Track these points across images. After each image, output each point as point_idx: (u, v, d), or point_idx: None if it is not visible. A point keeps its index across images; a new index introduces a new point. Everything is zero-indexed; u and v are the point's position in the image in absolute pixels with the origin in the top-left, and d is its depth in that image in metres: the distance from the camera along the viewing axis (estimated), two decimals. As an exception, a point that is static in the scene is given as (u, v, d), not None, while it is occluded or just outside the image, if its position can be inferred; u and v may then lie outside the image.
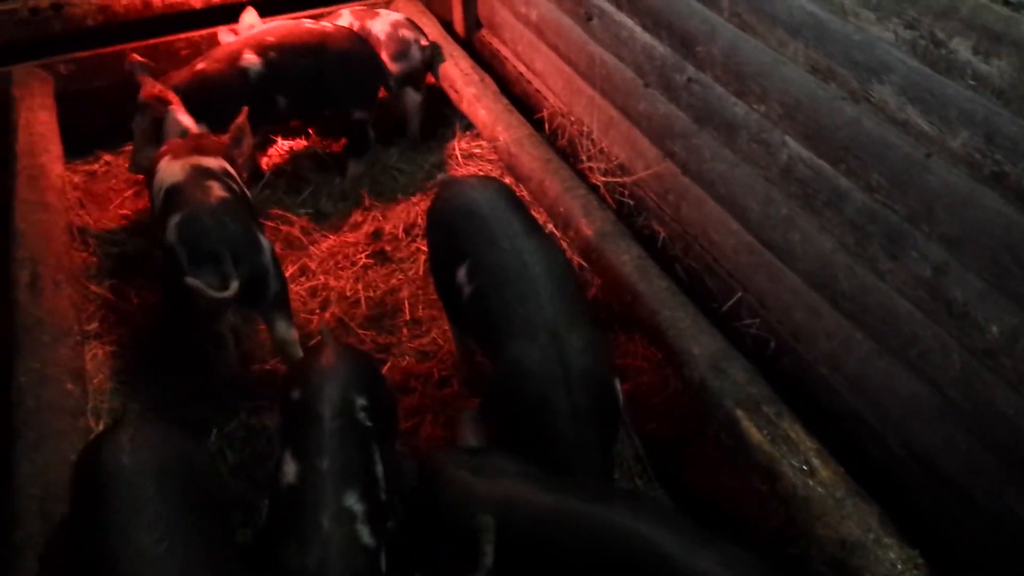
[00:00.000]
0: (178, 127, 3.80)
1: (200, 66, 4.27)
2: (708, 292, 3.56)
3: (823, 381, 3.05)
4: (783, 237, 3.14)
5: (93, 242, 4.19)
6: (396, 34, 4.85)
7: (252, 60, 4.26)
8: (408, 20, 5.01)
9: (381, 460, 2.61)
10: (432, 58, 5.03)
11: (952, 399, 2.58)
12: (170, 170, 3.42)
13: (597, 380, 2.81)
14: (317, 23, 4.58)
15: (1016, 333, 2.34)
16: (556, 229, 4.06)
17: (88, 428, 3.10)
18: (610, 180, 4.10)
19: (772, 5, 2.97)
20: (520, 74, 4.98)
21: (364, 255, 4.16)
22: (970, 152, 2.36)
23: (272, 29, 4.43)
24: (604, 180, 4.13)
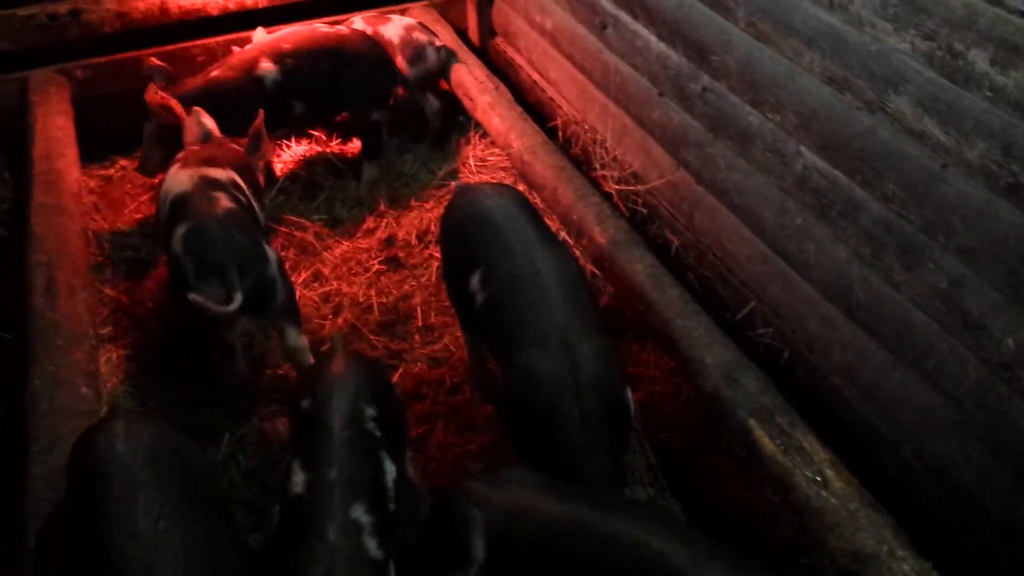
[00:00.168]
0: (200, 130, 3.81)
1: (214, 73, 4.28)
2: (721, 301, 3.55)
3: (837, 392, 3.04)
4: (798, 247, 3.13)
5: (108, 246, 4.22)
6: (410, 38, 4.85)
7: (268, 68, 4.27)
8: (420, 24, 5.02)
9: (394, 483, 2.59)
10: (447, 61, 5.04)
11: (967, 411, 2.57)
12: (177, 179, 3.42)
13: (608, 388, 2.80)
14: (331, 27, 4.59)
15: (1032, 345, 2.33)
16: (569, 237, 4.06)
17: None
18: (623, 188, 4.10)
19: (788, 15, 2.97)
20: (534, 82, 4.99)
21: (377, 261, 4.18)
22: (987, 164, 2.36)
23: (287, 36, 4.44)
24: (617, 188, 4.13)
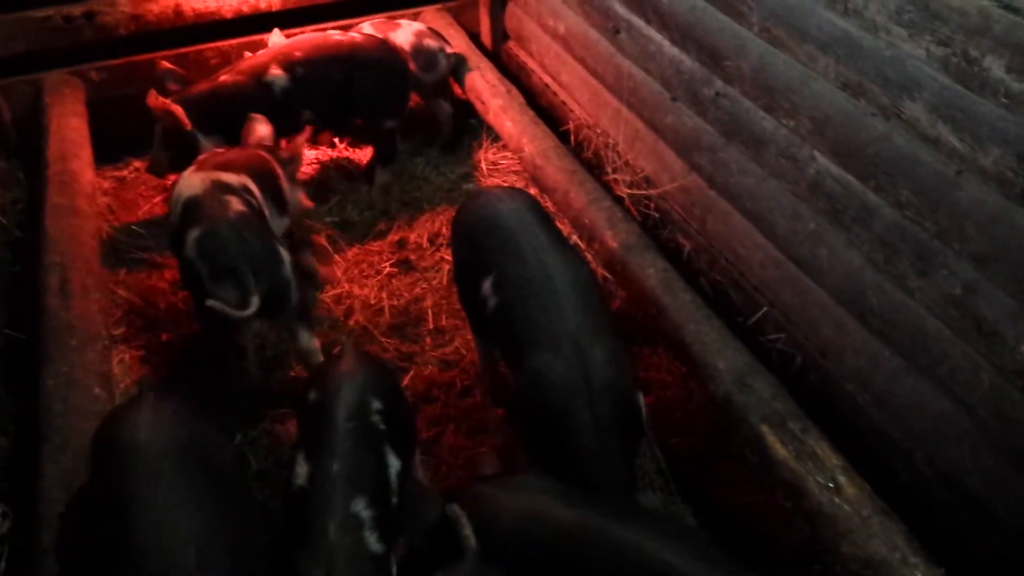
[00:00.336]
0: (257, 136, 3.87)
1: (223, 78, 4.27)
2: (733, 306, 3.54)
3: (849, 398, 3.03)
4: (810, 252, 3.12)
5: (122, 247, 4.24)
6: (421, 45, 4.83)
7: (277, 74, 4.25)
8: (430, 29, 5.01)
9: (397, 477, 2.59)
10: (457, 66, 5.05)
11: (980, 418, 2.56)
12: (189, 182, 3.42)
13: (620, 392, 2.80)
14: (344, 34, 4.58)
15: (1047, 353, 2.32)
16: (581, 241, 4.06)
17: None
18: (635, 192, 4.10)
19: (803, 20, 2.97)
20: (546, 86, 5.00)
21: (389, 264, 4.18)
22: (1002, 170, 2.35)
23: (299, 43, 4.41)
24: (629, 192, 4.13)
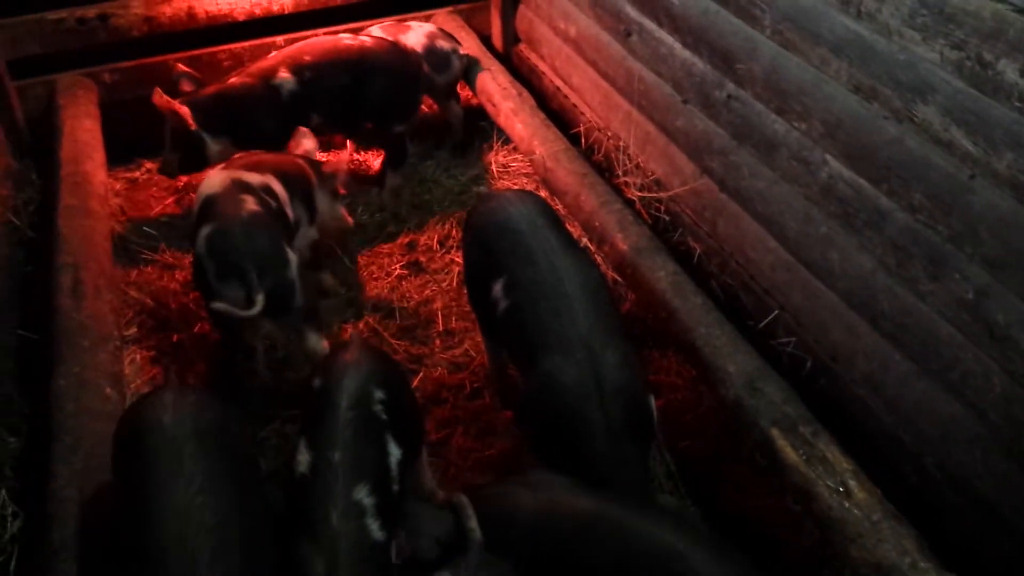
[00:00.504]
0: (303, 147, 3.93)
1: (232, 80, 4.28)
2: (744, 309, 3.54)
3: (860, 402, 3.02)
4: (822, 256, 3.11)
5: (133, 248, 4.25)
6: (434, 46, 4.83)
7: (285, 78, 4.24)
8: (441, 30, 5.01)
9: (398, 465, 2.59)
10: (469, 68, 5.05)
11: (991, 422, 2.55)
12: (211, 181, 3.46)
13: (631, 395, 2.80)
14: (355, 37, 4.57)
15: (1060, 358, 2.31)
16: (591, 244, 4.06)
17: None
18: (646, 195, 4.10)
19: (815, 23, 2.96)
20: (557, 88, 5.00)
21: (399, 266, 4.19)
22: (1015, 174, 2.34)
23: (309, 47, 4.40)
24: (640, 195, 4.12)
